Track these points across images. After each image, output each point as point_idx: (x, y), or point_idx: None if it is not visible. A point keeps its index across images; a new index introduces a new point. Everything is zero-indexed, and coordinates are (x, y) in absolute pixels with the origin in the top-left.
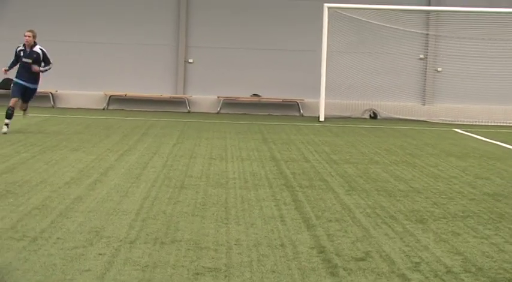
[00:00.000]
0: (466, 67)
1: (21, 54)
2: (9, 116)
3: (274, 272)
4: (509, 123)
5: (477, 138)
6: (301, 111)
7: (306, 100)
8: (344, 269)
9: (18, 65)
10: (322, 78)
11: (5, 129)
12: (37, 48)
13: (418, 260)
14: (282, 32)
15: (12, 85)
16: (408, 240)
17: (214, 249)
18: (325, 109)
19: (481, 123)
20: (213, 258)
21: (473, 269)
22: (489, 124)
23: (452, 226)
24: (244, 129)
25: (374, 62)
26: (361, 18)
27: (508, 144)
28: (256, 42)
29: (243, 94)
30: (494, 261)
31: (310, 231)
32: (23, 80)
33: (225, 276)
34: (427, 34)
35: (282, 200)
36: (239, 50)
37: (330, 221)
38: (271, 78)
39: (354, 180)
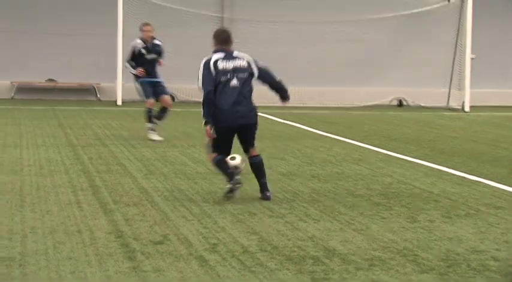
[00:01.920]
0: (262, 50)
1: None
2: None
3: (70, 258)
4: (302, 104)
5: (271, 119)
6: (98, 95)
7: (103, 84)
8: (142, 253)
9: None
10: (118, 62)
11: (154, 136)
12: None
13: (215, 242)
14: (76, 16)
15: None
16: (206, 222)
17: (8, 238)
18: (122, 93)
19: (274, 105)
20: (6, 247)
21: (269, 248)
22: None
23: (249, 206)
24: (39, 115)
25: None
26: (156, 1)
27: (301, 124)
28: (49, 27)
29: (38, 79)
30: (289, 239)
31: (108, 216)
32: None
33: (20, 265)
34: (222, 17)
35: (78, 186)
36: (28, 33)
37: (128, 205)
38: (67, 62)
39: (152, 164)
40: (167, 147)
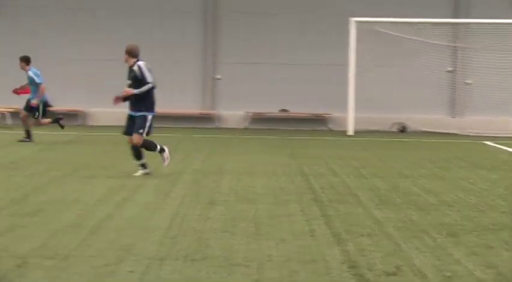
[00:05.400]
0: (496, 79)
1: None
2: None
3: None
4: None
5: (507, 150)
6: (330, 125)
7: (334, 114)
8: None
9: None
10: (349, 92)
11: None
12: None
13: (450, 274)
14: (309, 47)
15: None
16: (439, 254)
17: (246, 265)
18: (353, 123)
19: (511, 135)
20: (244, 274)
21: None
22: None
23: (484, 239)
24: (272, 144)
25: (402, 75)
26: (388, 31)
27: None
28: (284, 57)
29: (271, 109)
30: None
31: (341, 246)
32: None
33: None
34: (455, 46)
35: (311, 215)
36: (266, 65)
37: (361, 235)
38: (298, 93)
39: (383, 194)
40: (399, 178)
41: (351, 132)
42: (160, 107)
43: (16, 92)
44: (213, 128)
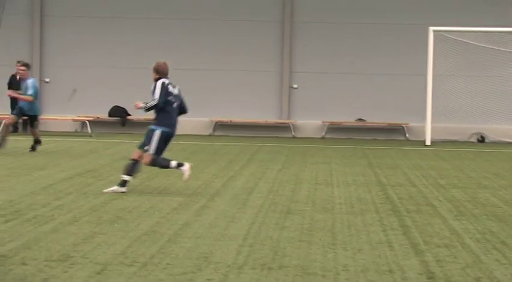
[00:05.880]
0: None
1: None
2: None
3: None
4: None
5: None
6: (407, 135)
7: (411, 124)
8: None
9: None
10: (427, 102)
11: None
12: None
13: None
14: (386, 56)
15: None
16: None
17: (322, 274)
18: (431, 133)
19: None
20: None
21: None
22: None
23: None
24: (349, 153)
25: (481, 85)
26: (467, 40)
27: None
28: (360, 67)
29: (348, 119)
30: None
31: (419, 257)
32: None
33: None
34: None
35: (389, 225)
36: (343, 74)
37: (439, 246)
38: (375, 102)
39: (462, 205)
40: (478, 188)
41: (428, 142)
42: (236, 116)
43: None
44: (289, 137)
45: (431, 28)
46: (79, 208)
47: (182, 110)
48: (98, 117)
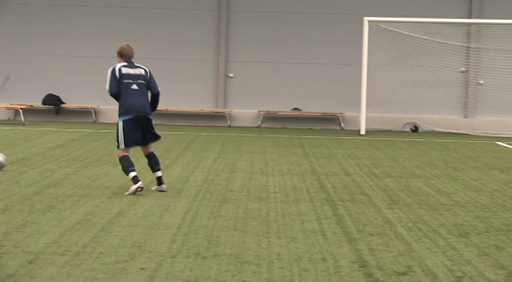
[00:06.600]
0: (508, 80)
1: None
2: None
3: None
4: None
5: None
6: (342, 124)
7: (347, 114)
8: None
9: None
10: (362, 92)
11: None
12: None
13: (460, 274)
14: (322, 46)
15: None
16: (451, 255)
17: (256, 263)
18: (366, 122)
19: None
20: (254, 272)
21: None
22: None
23: (496, 240)
24: (284, 143)
25: (415, 75)
26: (401, 31)
27: None
28: (296, 56)
29: (283, 108)
30: None
31: (352, 245)
32: None
33: None
34: (468, 47)
35: (323, 214)
36: (279, 64)
37: (372, 235)
38: (311, 92)
39: (395, 194)
40: (411, 177)
41: (363, 131)
42: (172, 105)
43: None
44: (225, 127)
45: (366, 18)
46: (11, 197)
47: (151, 90)
48: (31, 105)
